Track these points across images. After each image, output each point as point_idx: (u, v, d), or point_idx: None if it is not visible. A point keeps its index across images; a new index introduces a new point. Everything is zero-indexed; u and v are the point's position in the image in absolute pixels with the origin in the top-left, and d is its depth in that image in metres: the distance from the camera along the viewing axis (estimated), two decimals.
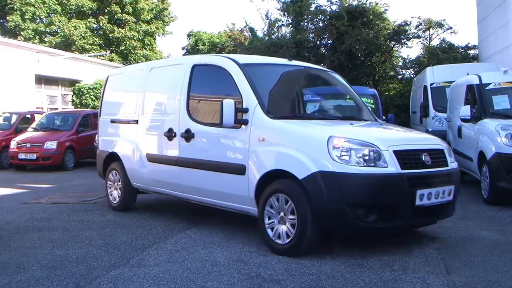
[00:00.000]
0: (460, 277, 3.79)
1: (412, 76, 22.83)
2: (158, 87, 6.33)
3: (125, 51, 29.12)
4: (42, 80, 20.66)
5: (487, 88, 7.80)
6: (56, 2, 27.48)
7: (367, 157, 4.13)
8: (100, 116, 7.44)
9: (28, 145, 12.50)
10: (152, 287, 3.66)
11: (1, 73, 17.39)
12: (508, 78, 7.93)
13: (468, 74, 8.98)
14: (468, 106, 7.84)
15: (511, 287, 3.63)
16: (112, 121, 7.03)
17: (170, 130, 5.68)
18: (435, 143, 4.81)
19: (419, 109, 12.86)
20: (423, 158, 4.40)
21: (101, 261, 4.34)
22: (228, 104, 4.68)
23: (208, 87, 5.70)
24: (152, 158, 6.10)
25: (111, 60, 27.49)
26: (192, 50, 32.97)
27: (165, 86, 6.14)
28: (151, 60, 29.79)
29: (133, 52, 29.25)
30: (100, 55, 25.91)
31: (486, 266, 4.07)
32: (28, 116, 14.92)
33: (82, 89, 22.38)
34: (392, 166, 4.15)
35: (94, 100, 22.27)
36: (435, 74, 12.58)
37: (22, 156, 12.42)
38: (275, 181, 4.50)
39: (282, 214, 4.44)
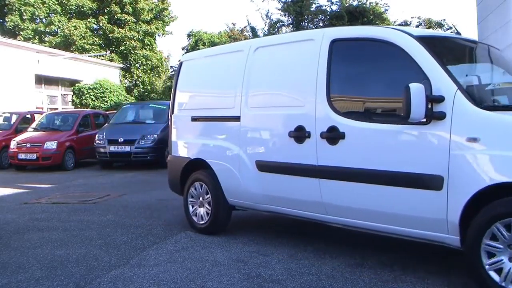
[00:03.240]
0: (460, 277, 3.79)
1: None
2: (272, 72, 4.84)
3: (125, 51, 29.16)
4: (42, 80, 20.70)
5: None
6: (56, 2, 27.50)
7: None
8: (173, 112, 5.93)
9: (28, 145, 12.50)
10: (152, 287, 3.67)
11: (1, 73, 17.43)
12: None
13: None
14: None
15: None
16: (194, 119, 5.60)
17: (300, 128, 4.31)
18: None
19: None
20: None
21: (101, 261, 4.35)
22: (417, 89, 3.36)
23: (362, 69, 4.27)
24: (266, 167, 4.69)
25: (111, 60, 27.54)
26: (192, 50, 33.00)
27: (285, 70, 4.70)
28: (151, 60, 29.96)
29: (133, 52, 29.31)
30: (100, 55, 25.95)
31: None
32: (28, 116, 14.94)
33: (82, 89, 22.47)
34: None
35: (94, 100, 22.35)
36: None
37: (22, 156, 12.42)
38: (499, 200, 3.23)
39: None
